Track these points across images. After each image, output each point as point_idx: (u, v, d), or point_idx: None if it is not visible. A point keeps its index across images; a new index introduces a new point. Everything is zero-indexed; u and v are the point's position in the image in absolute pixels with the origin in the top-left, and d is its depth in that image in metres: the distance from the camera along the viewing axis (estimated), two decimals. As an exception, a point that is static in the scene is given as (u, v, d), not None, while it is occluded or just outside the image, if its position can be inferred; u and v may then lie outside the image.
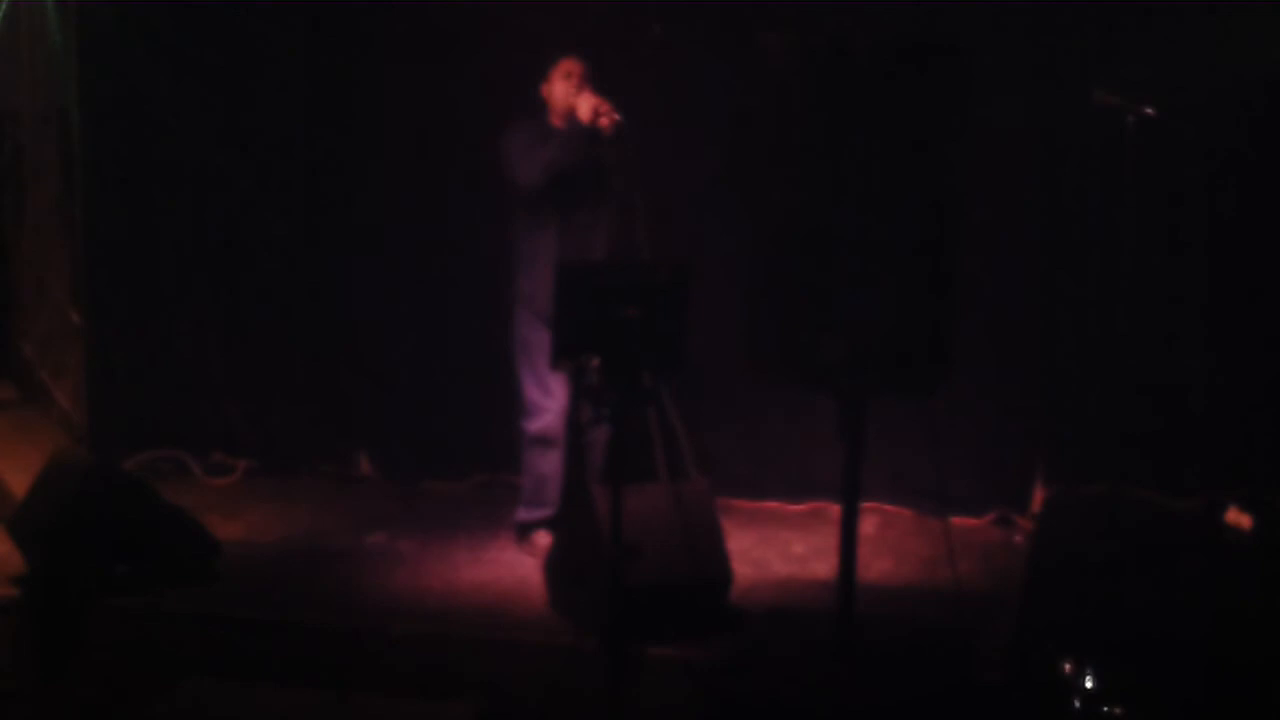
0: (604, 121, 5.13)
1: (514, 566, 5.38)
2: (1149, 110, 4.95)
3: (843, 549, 3.99)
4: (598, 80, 5.27)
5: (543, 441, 5.44)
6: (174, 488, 5.88)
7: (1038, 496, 5.87)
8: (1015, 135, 5.66)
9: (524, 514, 5.55)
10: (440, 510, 6.12)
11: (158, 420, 6.64)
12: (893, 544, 5.65)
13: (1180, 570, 5.18)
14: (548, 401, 5.39)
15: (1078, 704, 4.01)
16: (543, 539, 5.46)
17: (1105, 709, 3.98)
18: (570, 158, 5.19)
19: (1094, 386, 5.70)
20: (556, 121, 5.33)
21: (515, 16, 5.92)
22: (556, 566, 4.99)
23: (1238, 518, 5.58)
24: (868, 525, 5.62)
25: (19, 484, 5.69)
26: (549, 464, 5.47)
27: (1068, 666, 4.10)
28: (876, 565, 5.36)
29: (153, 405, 6.64)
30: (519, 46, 5.86)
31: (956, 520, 5.67)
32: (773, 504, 6.09)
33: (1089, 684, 4.03)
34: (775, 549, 5.62)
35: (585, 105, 5.16)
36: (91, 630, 4.83)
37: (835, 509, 4.67)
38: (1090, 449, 5.72)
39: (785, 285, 3.86)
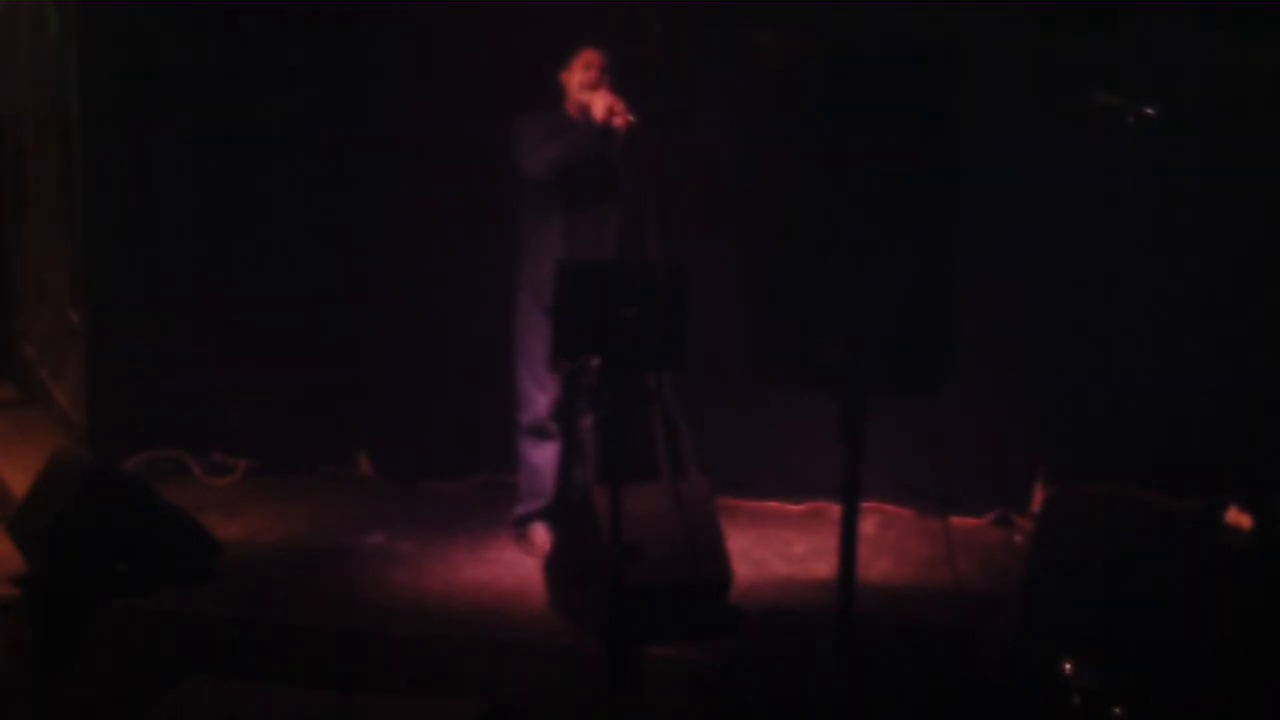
0: (618, 121, 5.11)
1: (514, 567, 5.38)
2: (1149, 110, 4.95)
3: (843, 549, 3.98)
4: (615, 74, 5.27)
5: (536, 432, 5.46)
6: (174, 488, 5.89)
7: (1038, 496, 5.87)
8: (1015, 135, 5.66)
9: (520, 507, 5.57)
10: (440, 510, 6.12)
11: (158, 420, 6.63)
12: (893, 544, 5.65)
13: (1180, 570, 5.18)
14: (539, 393, 5.40)
15: (1077, 704, 4.01)
16: (541, 536, 5.47)
17: (1105, 709, 3.97)
18: (578, 155, 5.18)
19: (1094, 386, 5.70)
20: (573, 111, 5.32)
21: (516, 16, 5.93)
22: (556, 566, 4.99)
23: (1238, 518, 5.58)
24: (868, 525, 5.62)
25: (19, 484, 5.69)
26: (543, 455, 5.48)
27: (1068, 666, 4.10)
28: (876, 565, 5.36)
29: (153, 405, 6.64)
30: (520, 46, 5.87)
31: (956, 520, 5.67)
32: (773, 504, 6.09)
33: (1089, 684, 4.03)
34: (775, 549, 5.62)
35: (600, 103, 5.15)
36: (91, 630, 4.83)
37: (835, 509, 4.66)
38: (1090, 449, 5.71)
39: (786, 285, 3.86)
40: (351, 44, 6.31)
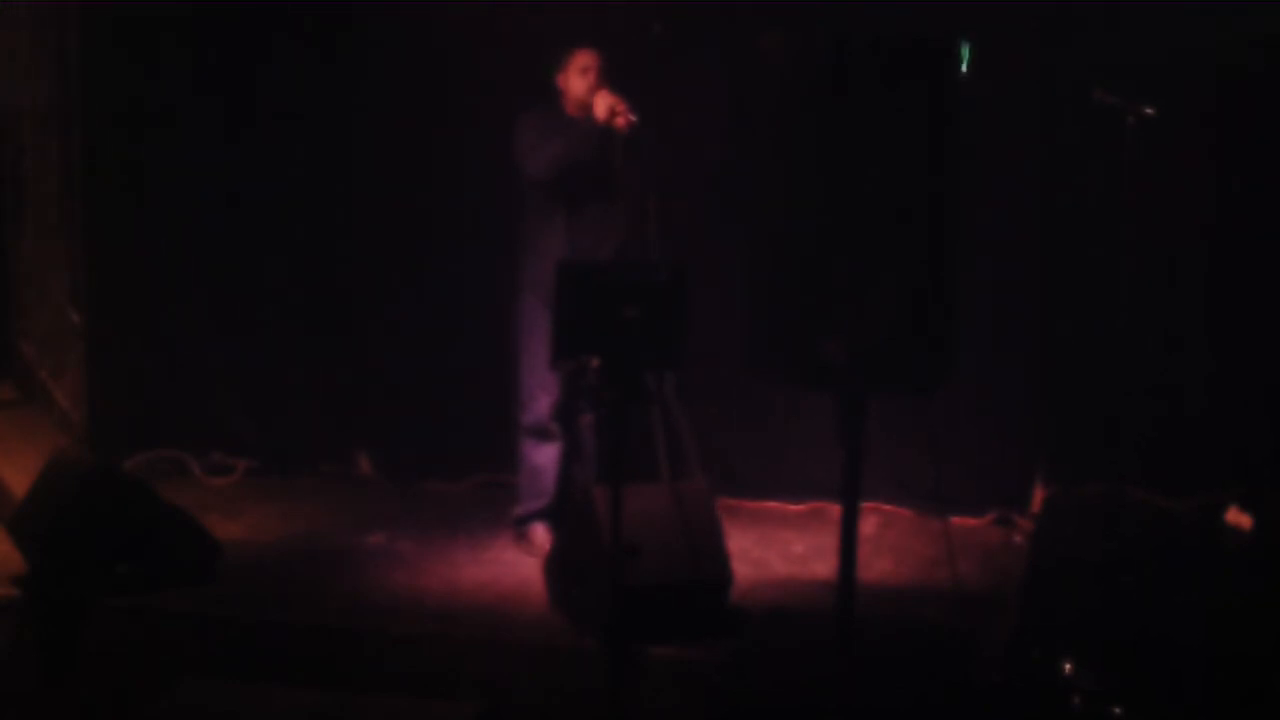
0: (620, 121, 5.10)
1: (514, 567, 5.38)
2: (1149, 110, 4.95)
3: (843, 549, 3.98)
4: (611, 75, 5.27)
5: (537, 432, 5.46)
6: (174, 488, 5.88)
7: (1038, 496, 5.87)
8: (1015, 135, 5.66)
9: (521, 507, 5.57)
10: (440, 510, 6.12)
11: (158, 420, 6.64)
12: (893, 544, 5.65)
13: (1180, 570, 5.18)
14: (542, 393, 5.41)
15: (1078, 704, 4.01)
16: (541, 535, 5.47)
17: (1105, 709, 3.98)
18: (579, 154, 5.18)
19: (1094, 386, 5.70)
20: (572, 111, 5.32)
21: (516, 15, 5.93)
22: (556, 566, 4.99)
23: (1238, 518, 5.58)
24: (868, 525, 5.62)
25: (19, 484, 5.69)
26: (543, 455, 5.49)
27: (1068, 666, 4.11)
28: (876, 565, 5.36)
29: (153, 405, 6.64)
30: (520, 46, 5.87)
31: (956, 520, 5.68)
32: (773, 504, 6.09)
33: (1089, 684, 4.03)
34: (775, 549, 5.61)
35: (602, 103, 5.14)
36: (91, 630, 4.83)
37: (835, 509, 4.66)
38: (1090, 449, 5.72)
39: (785, 285, 3.86)
40: (353, 44, 6.32)
